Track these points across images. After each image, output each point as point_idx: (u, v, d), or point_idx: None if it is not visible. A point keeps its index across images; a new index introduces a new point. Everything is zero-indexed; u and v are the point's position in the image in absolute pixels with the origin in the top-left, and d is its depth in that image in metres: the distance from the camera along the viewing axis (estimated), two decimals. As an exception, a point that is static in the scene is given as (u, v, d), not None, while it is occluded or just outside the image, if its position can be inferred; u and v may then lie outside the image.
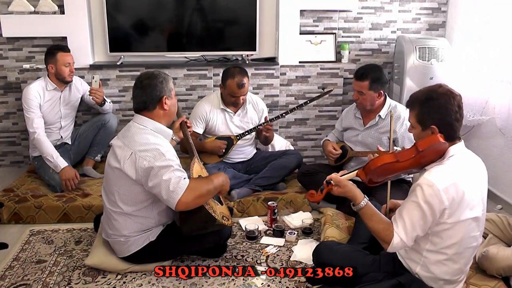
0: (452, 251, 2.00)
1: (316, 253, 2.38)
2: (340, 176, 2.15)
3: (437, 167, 1.96)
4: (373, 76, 3.08)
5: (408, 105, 2.08)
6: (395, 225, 1.98)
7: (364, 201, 2.08)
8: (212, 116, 3.47)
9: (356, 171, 2.16)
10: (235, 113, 3.50)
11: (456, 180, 1.91)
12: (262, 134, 3.50)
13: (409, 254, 2.11)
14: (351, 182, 2.14)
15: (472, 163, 2.03)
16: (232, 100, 3.41)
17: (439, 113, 1.97)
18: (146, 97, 2.38)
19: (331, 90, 3.55)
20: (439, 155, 2.00)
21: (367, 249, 2.38)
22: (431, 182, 1.89)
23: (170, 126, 2.58)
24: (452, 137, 2.00)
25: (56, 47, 3.49)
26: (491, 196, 3.57)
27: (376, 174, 2.10)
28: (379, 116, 3.16)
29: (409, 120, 2.10)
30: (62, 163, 3.34)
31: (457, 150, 1.99)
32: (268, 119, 3.46)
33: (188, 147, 2.79)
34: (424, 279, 2.07)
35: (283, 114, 3.48)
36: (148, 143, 2.30)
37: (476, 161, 2.07)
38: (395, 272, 2.14)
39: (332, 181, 2.15)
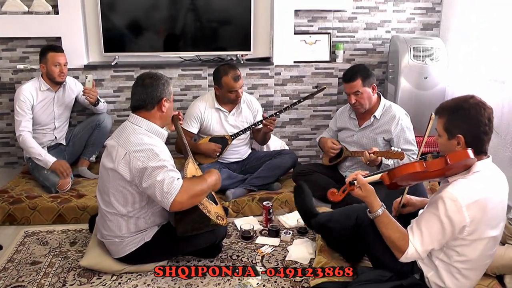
0: (465, 267, 1.98)
1: (316, 222, 2.38)
2: (364, 177, 2.13)
3: (461, 180, 1.93)
4: (362, 73, 3.11)
5: (437, 112, 2.03)
6: (411, 235, 1.96)
7: (381, 209, 2.06)
8: (207, 116, 3.47)
9: (380, 174, 2.13)
10: (229, 112, 3.50)
11: (480, 198, 1.88)
12: (260, 132, 3.50)
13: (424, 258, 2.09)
14: (372, 187, 2.11)
15: (497, 181, 1.99)
16: (232, 96, 3.40)
17: (467, 123, 1.92)
18: (146, 96, 2.38)
19: (325, 88, 3.55)
20: (465, 169, 1.96)
21: None
22: (454, 197, 1.86)
23: None
24: (479, 150, 1.95)
25: (48, 47, 3.48)
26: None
27: (402, 180, 2.07)
28: (374, 116, 3.16)
29: (435, 128, 2.05)
30: (51, 158, 3.33)
31: (484, 166, 1.95)
32: (266, 116, 3.45)
33: (183, 147, 2.78)
34: (433, 285, 2.06)
35: (277, 113, 3.48)
36: (143, 144, 2.30)
37: (500, 178, 2.02)
38: (403, 271, 2.12)
39: (356, 182, 2.12)
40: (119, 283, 2.44)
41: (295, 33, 4.11)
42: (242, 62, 4.03)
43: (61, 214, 3.12)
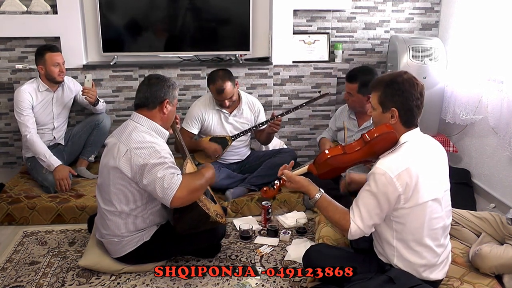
0: (419, 235, 2.03)
1: (306, 257, 2.35)
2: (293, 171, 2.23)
3: (389, 155, 2.03)
4: (363, 79, 3.08)
5: (372, 86, 2.12)
6: (352, 214, 2.04)
7: (318, 194, 2.14)
8: (207, 117, 3.46)
9: (308, 165, 2.22)
10: (230, 113, 3.49)
11: (409, 165, 1.95)
12: (264, 132, 3.49)
13: (383, 248, 2.13)
14: (303, 177, 2.19)
15: (427, 147, 2.08)
16: (218, 103, 3.40)
17: (401, 97, 2.01)
18: (150, 94, 2.40)
19: (328, 93, 3.54)
20: (390, 143, 2.05)
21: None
22: (382, 170, 1.95)
23: None
24: (410, 123, 2.05)
25: (44, 48, 3.46)
26: (484, 195, 3.59)
27: (326, 167, 2.16)
28: None
29: (370, 102, 2.14)
30: (55, 161, 3.32)
31: (410, 136, 2.05)
32: (275, 115, 3.41)
33: (181, 149, 2.78)
34: (404, 269, 2.08)
35: (284, 113, 3.46)
36: (144, 141, 2.31)
37: (432, 144, 2.12)
38: (383, 270, 2.14)
39: (283, 177, 2.21)
40: (118, 283, 2.44)
41: (294, 33, 4.11)
42: (241, 62, 4.03)
43: (60, 214, 3.12)
